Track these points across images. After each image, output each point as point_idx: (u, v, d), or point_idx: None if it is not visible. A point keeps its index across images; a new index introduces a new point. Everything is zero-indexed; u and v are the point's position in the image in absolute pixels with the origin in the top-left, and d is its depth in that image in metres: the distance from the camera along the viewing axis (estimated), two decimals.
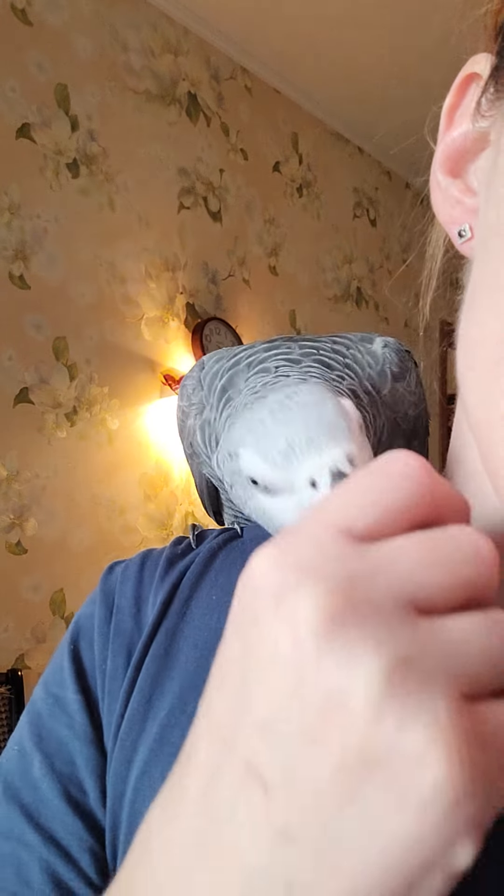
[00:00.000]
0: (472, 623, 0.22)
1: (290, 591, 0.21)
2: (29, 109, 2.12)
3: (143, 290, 2.41)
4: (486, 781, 0.20)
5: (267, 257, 2.95)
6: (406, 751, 0.19)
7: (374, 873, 0.20)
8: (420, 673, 0.20)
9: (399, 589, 0.22)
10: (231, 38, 2.74)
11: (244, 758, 0.22)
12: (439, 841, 0.19)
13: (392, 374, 0.48)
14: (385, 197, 3.70)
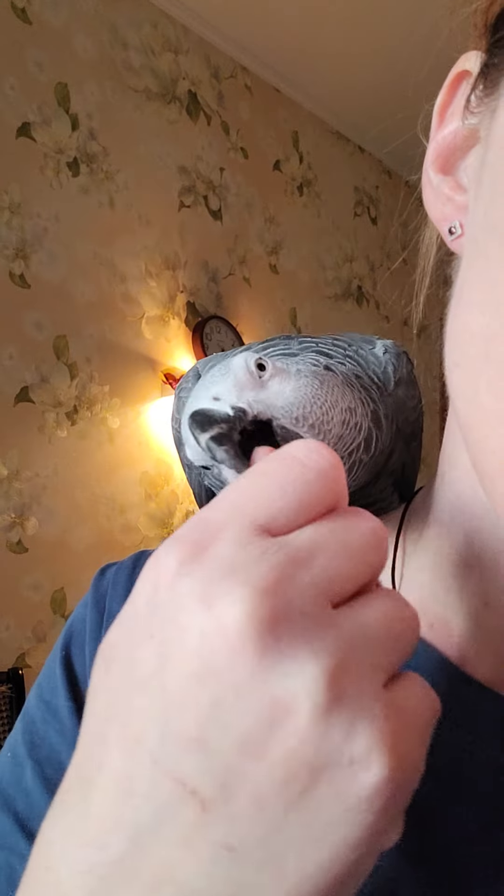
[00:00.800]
0: (380, 611, 0.23)
1: (219, 598, 0.21)
2: (29, 108, 2.12)
3: (144, 288, 2.41)
4: (415, 771, 0.21)
5: (267, 256, 2.95)
6: (352, 755, 0.20)
7: (320, 873, 0.20)
8: (353, 675, 0.21)
9: (319, 586, 0.22)
10: (231, 37, 2.74)
11: (173, 774, 0.21)
12: (378, 833, 0.21)
13: (394, 378, 0.48)
14: (385, 195, 3.69)
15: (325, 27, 2.68)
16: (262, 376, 0.39)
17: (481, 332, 0.26)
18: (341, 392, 0.40)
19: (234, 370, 0.39)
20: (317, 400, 0.39)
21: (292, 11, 2.59)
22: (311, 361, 0.42)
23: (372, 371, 0.46)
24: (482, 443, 0.27)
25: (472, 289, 0.27)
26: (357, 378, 0.43)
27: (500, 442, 0.25)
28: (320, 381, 0.40)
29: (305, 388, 0.39)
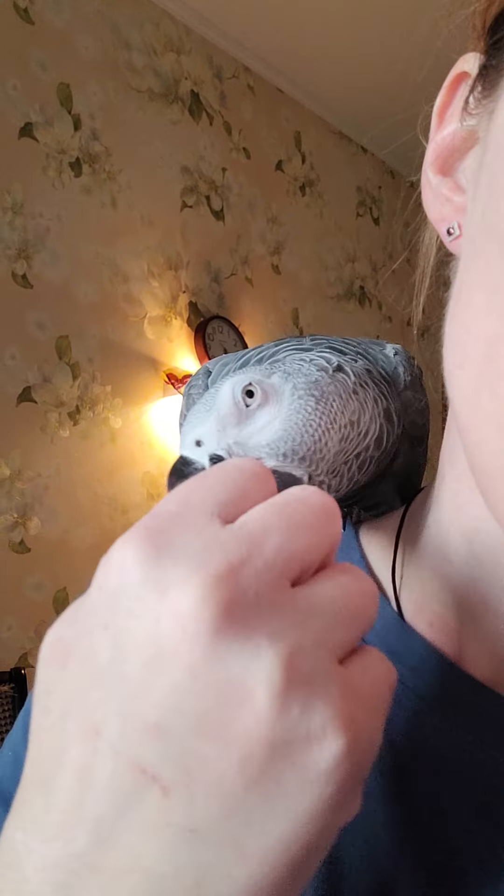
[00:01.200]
0: (337, 586, 0.23)
1: (174, 585, 0.21)
2: (31, 108, 2.12)
3: (146, 288, 2.41)
4: (372, 744, 0.22)
5: (270, 256, 2.95)
6: (309, 732, 0.21)
7: (283, 847, 0.21)
8: (309, 655, 0.21)
9: (274, 566, 0.22)
10: (234, 37, 2.74)
11: (134, 763, 0.21)
12: (338, 805, 0.21)
13: (404, 380, 0.47)
14: (388, 196, 3.69)
15: (328, 28, 2.68)
16: (249, 405, 0.38)
17: (480, 334, 0.26)
18: (344, 402, 0.39)
19: (218, 404, 0.38)
20: (309, 427, 0.38)
21: (295, 12, 2.59)
22: (320, 362, 0.41)
23: (382, 368, 0.45)
24: (481, 445, 0.27)
25: (471, 290, 0.27)
26: (368, 373, 0.43)
27: (499, 444, 0.25)
28: (318, 395, 0.39)
29: (297, 415, 0.38)
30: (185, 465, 0.37)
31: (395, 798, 0.33)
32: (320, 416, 0.38)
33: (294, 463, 0.37)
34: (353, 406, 0.39)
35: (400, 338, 3.52)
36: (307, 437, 0.37)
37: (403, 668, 0.36)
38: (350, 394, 0.40)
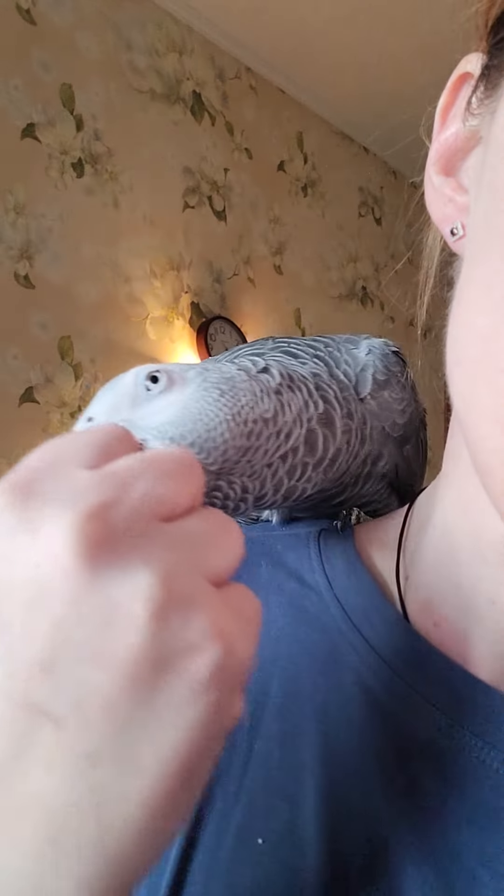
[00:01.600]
0: (203, 524, 0.25)
1: (46, 525, 0.22)
2: (34, 109, 2.12)
3: (148, 289, 2.41)
4: (246, 656, 0.24)
5: (272, 256, 2.95)
6: (190, 643, 0.22)
7: (175, 756, 0.22)
8: (184, 575, 0.23)
9: (143, 503, 0.24)
10: (236, 38, 2.74)
11: (25, 704, 0.22)
12: (221, 710, 0.23)
13: (376, 381, 0.47)
14: (390, 196, 3.69)
15: (330, 29, 2.68)
16: (150, 389, 0.38)
17: (481, 332, 0.26)
18: (257, 399, 0.39)
19: (119, 385, 0.39)
20: (204, 415, 0.37)
21: (297, 13, 2.59)
22: (245, 363, 0.41)
23: (343, 371, 0.46)
24: (482, 442, 0.27)
25: (473, 289, 0.27)
26: (314, 377, 0.43)
27: (499, 441, 0.25)
28: (226, 388, 0.39)
29: (196, 403, 0.38)
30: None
31: (401, 797, 0.33)
32: (220, 407, 0.38)
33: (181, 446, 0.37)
34: (267, 405, 0.39)
35: (402, 338, 3.51)
36: (199, 424, 0.37)
37: (408, 669, 0.36)
38: (268, 393, 0.40)
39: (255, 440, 0.39)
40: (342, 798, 0.34)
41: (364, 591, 0.39)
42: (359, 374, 0.47)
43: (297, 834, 0.33)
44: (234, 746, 0.37)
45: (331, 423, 0.42)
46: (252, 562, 0.45)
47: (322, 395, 0.43)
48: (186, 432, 0.37)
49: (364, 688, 0.36)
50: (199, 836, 0.35)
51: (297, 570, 0.43)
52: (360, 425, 0.45)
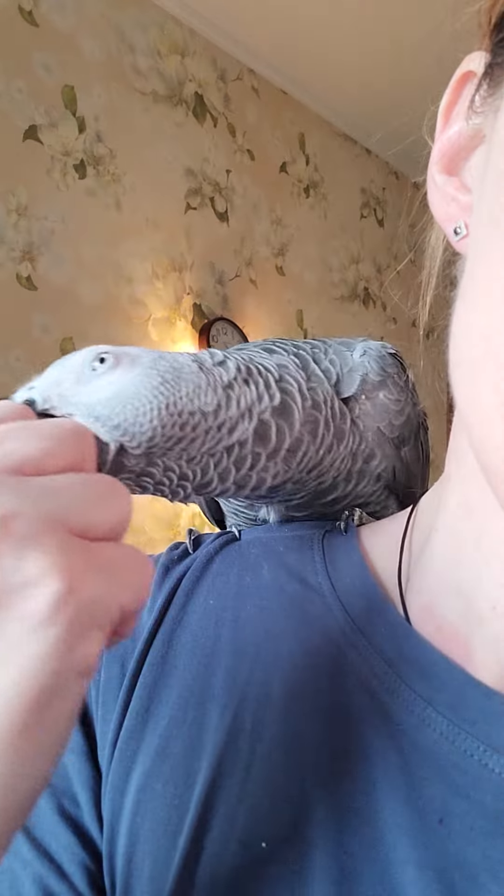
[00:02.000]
0: (73, 480, 0.26)
1: None
2: (36, 111, 2.12)
3: (150, 290, 2.41)
4: (105, 598, 0.24)
5: (274, 257, 2.95)
6: (25, 580, 0.23)
7: (19, 694, 0.22)
8: (27, 518, 0.24)
9: (5, 458, 0.25)
10: (238, 40, 2.74)
11: None
12: (68, 648, 0.23)
13: (370, 381, 0.47)
14: (393, 197, 3.69)
15: (331, 30, 2.68)
16: (96, 369, 0.39)
17: (483, 331, 0.26)
18: (202, 391, 0.40)
19: (69, 361, 0.40)
20: (136, 399, 0.38)
21: (298, 14, 2.59)
22: (203, 355, 0.43)
23: (324, 368, 0.47)
24: (485, 441, 0.27)
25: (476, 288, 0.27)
26: (280, 368, 0.44)
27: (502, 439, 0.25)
28: (169, 377, 0.40)
29: (131, 387, 0.39)
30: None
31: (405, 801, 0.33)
32: (156, 395, 0.39)
33: (105, 427, 0.38)
34: (210, 399, 0.40)
35: (405, 339, 3.52)
36: (129, 408, 0.38)
37: (411, 672, 0.35)
38: (215, 387, 0.41)
39: (191, 431, 0.40)
40: (346, 800, 0.33)
41: (367, 594, 0.39)
42: (344, 373, 0.47)
43: (301, 836, 0.33)
44: (235, 749, 0.37)
45: (288, 414, 0.43)
46: (254, 563, 0.45)
47: (282, 386, 0.43)
48: (114, 413, 0.38)
49: (367, 691, 0.36)
50: (204, 840, 0.35)
51: (300, 571, 0.43)
52: (338, 419, 0.46)
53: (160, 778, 0.38)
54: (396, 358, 0.51)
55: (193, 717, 0.39)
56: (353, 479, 0.48)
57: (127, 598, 0.25)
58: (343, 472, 0.47)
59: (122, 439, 0.38)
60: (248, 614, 0.42)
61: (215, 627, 0.42)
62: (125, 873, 0.37)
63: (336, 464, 0.46)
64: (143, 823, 0.37)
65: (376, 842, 0.32)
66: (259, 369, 0.44)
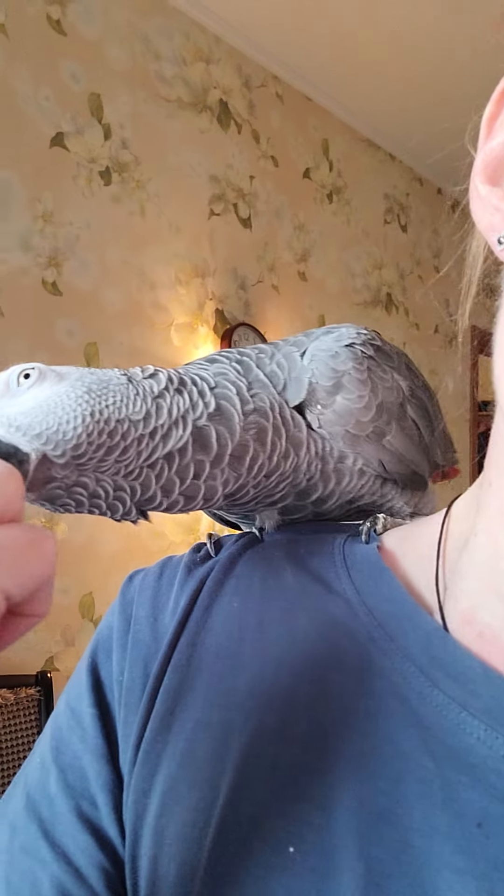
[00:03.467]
0: None
1: None
2: (63, 118, 2.15)
3: (173, 296, 2.43)
4: None
5: (296, 263, 2.95)
6: None
7: None
8: None
9: None
10: (263, 47, 2.75)
11: None
12: None
13: (321, 388, 0.46)
14: (416, 203, 3.68)
15: (355, 36, 2.68)
16: (20, 384, 0.40)
17: None
18: (129, 401, 0.41)
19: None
20: (59, 409, 0.39)
21: (323, 21, 2.60)
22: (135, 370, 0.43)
23: (269, 373, 0.46)
24: None
25: None
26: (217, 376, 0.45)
27: None
28: (95, 388, 0.40)
29: (55, 398, 0.39)
30: None
31: (439, 807, 0.33)
32: (80, 403, 0.39)
33: (26, 437, 0.38)
34: (139, 407, 0.41)
35: (428, 345, 3.50)
36: (51, 416, 0.38)
37: (443, 677, 0.35)
38: (144, 397, 0.41)
39: (121, 440, 0.40)
40: (376, 805, 0.33)
41: (396, 599, 0.39)
42: (291, 378, 0.46)
43: (329, 841, 0.33)
44: (261, 753, 0.37)
45: (227, 419, 0.43)
46: (277, 566, 0.45)
47: (218, 392, 0.44)
48: (35, 422, 0.38)
49: (397, 695, 0.36)
50: (229, 844, 0.35)
51: (323, 575, 0.43)
52: (290, 426, 0.45)
53: (185, 781, 0.38)
54: (356, 348, 0.48)
55: (218, 720, 0.39)
56: (331, 478, 0.47)
57: (5, 582, 0.26)
58: (315, 473, 0.47)
59: (44, 448, 0.38)
60: (272, 617, 0.42)
61: (239, 630, 0.42)
62: (150, 876, 0.37)
63: (302, 467, 0.46)
64: (169, 826, 0.37)
65: (406, 846, 0.32)
66: (193, 379, 0.44)
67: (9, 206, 2.00)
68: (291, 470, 0.45)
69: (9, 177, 2.01)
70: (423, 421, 0.52)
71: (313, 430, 0.46)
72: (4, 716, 1.70)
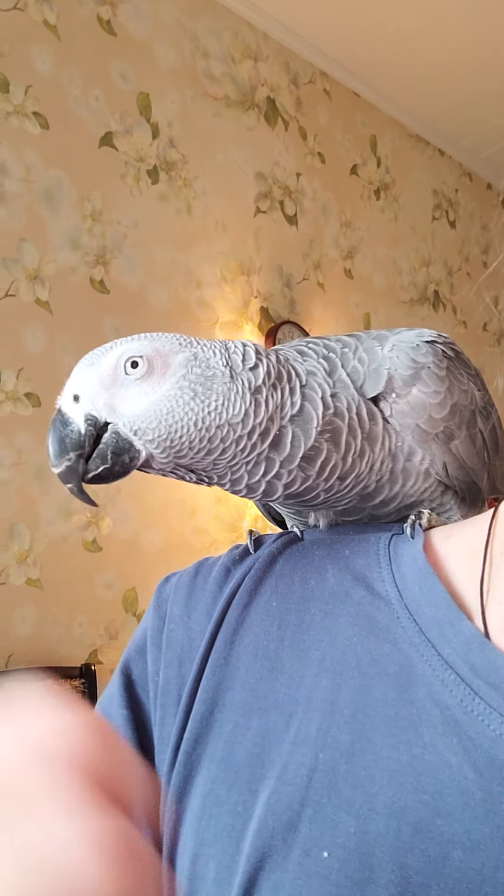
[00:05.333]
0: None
1: None
2: (112, 118, 2.18)
3: (219, 294, 2.44)
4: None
5: (342, 260, 2.93)
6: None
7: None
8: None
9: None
10: (311, 43, 2.74)
11: None
12: None
13: (399, 378, 0.46)
14: (465, 199, 3.62)
15: (404, 30, 2.64)
16: (129, 374, 0.42)
17: None
18: (229, 405, 0.42)
19: (102, 364, 0.42)
20: (172, 415, 0.42)
21: (372, 16, 2.57)
22: (235, 358, 0.43)
23: (351, 369, 0.46)
24: None
25: None
26: (308, 375, 0.45)
27: None
28: (200, 390, 0.42)
29: (167, 402, 0.42)
30: (63, 424, 0.42)
31: (480, 819, 0.32)
32: (187, 411, 0.42)
33: (141, 441, 0.42)
34: (239, 408, 0.42)
35: (476, 343, 3.44)
36: (163, 425, 0.42)
37: (485, 686, 0.34)
38: (245, 393, 0.43)
39: (220, 443, 0.43)
40: (416, 815, 0.33)
41: (437, 603, 0.38)
42: (371, 370, 0.46)
43: (363, 849, 0.33)
44: (299, 757, 0.36)
45: (306, 421, 0.44)
46: (319, 566, 0.44)
47: (306, 392, 0.44)
48: (149, 428, 0.42)
49: (438, 703, 0.35)
50: (266, 847, 0.35)
51: (366, 577, 0.42)
52: (366, 424, 0.45)
53: (225, 783, 0.38)
54: (437, 345, 0.48)
55: (258, 723, 0.39)
56: (398, 479, 0.47)
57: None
58: (385, 473, 0.46)
59: (153, 450, 0.42)
60: (312, 618, 0.42)
61: (279, 630, 0.42)
62: (190, 874, 0.37)
63: (376, 466, 0.46)
64: (209, 827, 0.37)
65: (445, 858, 0.31)
66: (289, 373, 0.45)
67: (59, 206, 2.04)
68: (367, 470, 0.46)
69: (59, 176, 2.04)
70: (491, 437, 0.52)
71: (388, 422, 0.47)
72: None
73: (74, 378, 0.43)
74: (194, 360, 0.43)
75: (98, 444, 0.42)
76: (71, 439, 0.42)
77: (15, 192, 1.94)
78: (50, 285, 2.00)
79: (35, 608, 1.91)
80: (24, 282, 1.95)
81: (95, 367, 0.42)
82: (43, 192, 2.00)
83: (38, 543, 1.93)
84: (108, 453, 0.43)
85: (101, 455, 0.42)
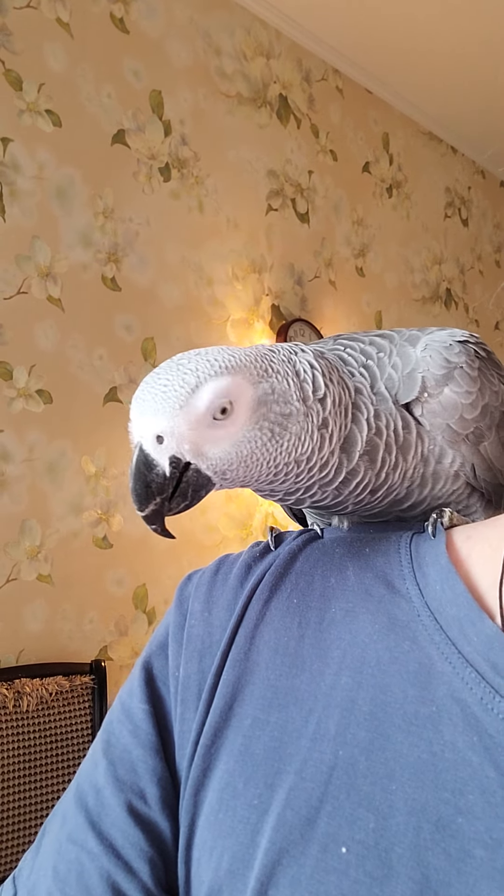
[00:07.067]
0: None
1: None
2: (124, 115, 2.18)
3: (230, 291, 2.44)
4: None
5: (354, 258, 2.92)
6: None
7: None
8: None
9: None
10: (323, 40, 2.73)
11: None
12: None
13: (432, 378, 0.46)
14: (478, 196, 3.60)
15: (417, 27, 2.63)
16: (218, 419, 0.41)
17: None
18: (299, 444, 0.43)
19: (194, 407, 0.41)
20: (252, 457, 0.42)
21: (385, 14, 2.56)
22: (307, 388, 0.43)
23: (386, 378, 0.46)
24: None
25: None
26: (357, 394, 0.45)
27: None
28: (277, 430, 0.42)
29: (247, 444, 0.42)
30: (148, 468, 0.41)
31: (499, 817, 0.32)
32: (263, 454, 0.43)
33: (217, 476, 0.43)
34: (308, 444, 0.43)
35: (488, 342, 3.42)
36: (241, 467, 0.43)
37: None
38: (313, 430, 0.43)
39: (285, 476, 0.44)
40: (437, 813, 0.33)
41: (459, 602, 0.38)
42: (405, 375, 0.46)
43: (382, 845, 0.33)
44: (318, 753, 0.36)
45: (350, 445, 0.44)
46: (339, 564, 0.45)
47: (355, 415, 0.45)
48: (230, 469, 0.43)
49: (458, 702, 0.35)
50: (283, 842, 0.35)
51: (387, 575, 0.42)
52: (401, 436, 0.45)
53: (242, 777, 0.38)
54: (469, 345, 0.48)
55: (277, 719, 0.39)
56: (428, 482, 0.47)
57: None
58: (416, 478, 0.46)
59: (225, 484, 0.44)
60: (332, 616, 0.42)
61: (299, 627, 0.42)
62: (205, 866, 0.37)
63: (408, 474, 0.46)
64: (225, 819, 0.37)
65: (466, 856, 0.31)
66: (346, 400, 0.44)
67: (71, 203, 2.04)
68: (399, 480, 0.46)
69: (71, 174, 2.05)
70: None
71: (420, 424, 0.47)
72: (60, 702, 1.74)
73: (159, 418, 0.41)
74: (272, 395, 0.42)
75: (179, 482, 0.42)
76: (157, 483, 0.41)
77: (27, 190, 1.95)
78: (62, 283, 2.00)
79: (46, 604, 1.92)
80: (36, 279, 1.96)
81: (185, 410, 0.40)
82: (55, 190, 2.01)
83: (49, 540, 1.94)
84: (189, 491, 0.43)
85: (183, 493, 0.42)
